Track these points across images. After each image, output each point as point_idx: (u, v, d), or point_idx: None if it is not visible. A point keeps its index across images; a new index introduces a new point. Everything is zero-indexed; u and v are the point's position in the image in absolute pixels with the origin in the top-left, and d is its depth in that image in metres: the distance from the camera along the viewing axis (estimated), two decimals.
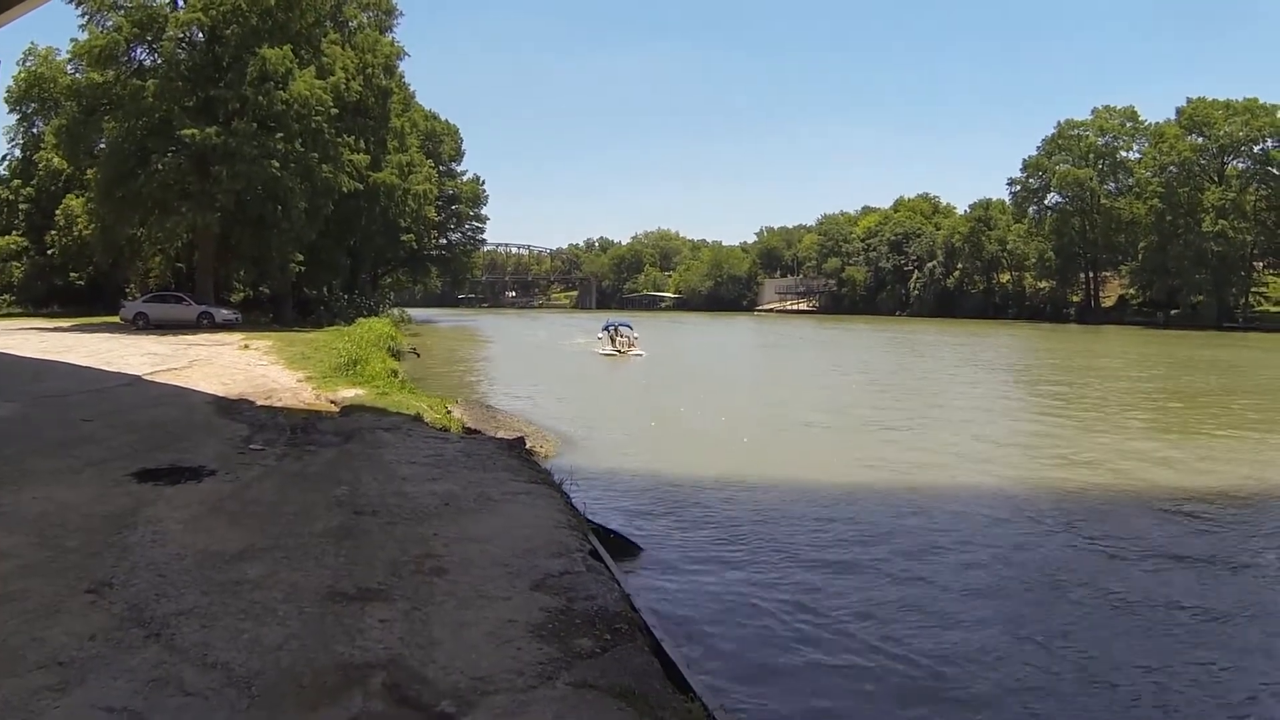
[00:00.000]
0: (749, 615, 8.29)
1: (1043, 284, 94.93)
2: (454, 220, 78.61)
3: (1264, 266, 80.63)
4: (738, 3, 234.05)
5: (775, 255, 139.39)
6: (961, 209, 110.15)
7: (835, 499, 12.91)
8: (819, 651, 7.49)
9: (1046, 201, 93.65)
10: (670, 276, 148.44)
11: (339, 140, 38.94)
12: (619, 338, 41.92)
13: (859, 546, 10.47)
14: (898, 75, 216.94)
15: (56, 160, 42.58)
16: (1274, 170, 76.25)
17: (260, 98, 34.72)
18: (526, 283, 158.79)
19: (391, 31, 50.48)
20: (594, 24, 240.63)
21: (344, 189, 39.08)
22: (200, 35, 36.22)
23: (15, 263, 44.86)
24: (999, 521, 11.82)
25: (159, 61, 35.91)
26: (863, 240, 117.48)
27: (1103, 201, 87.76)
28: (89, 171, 37.06)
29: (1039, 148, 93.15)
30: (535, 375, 32.48)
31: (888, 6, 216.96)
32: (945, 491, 13.56)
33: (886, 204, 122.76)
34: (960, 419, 21.38)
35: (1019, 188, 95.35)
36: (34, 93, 45.50)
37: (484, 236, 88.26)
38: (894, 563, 9.88)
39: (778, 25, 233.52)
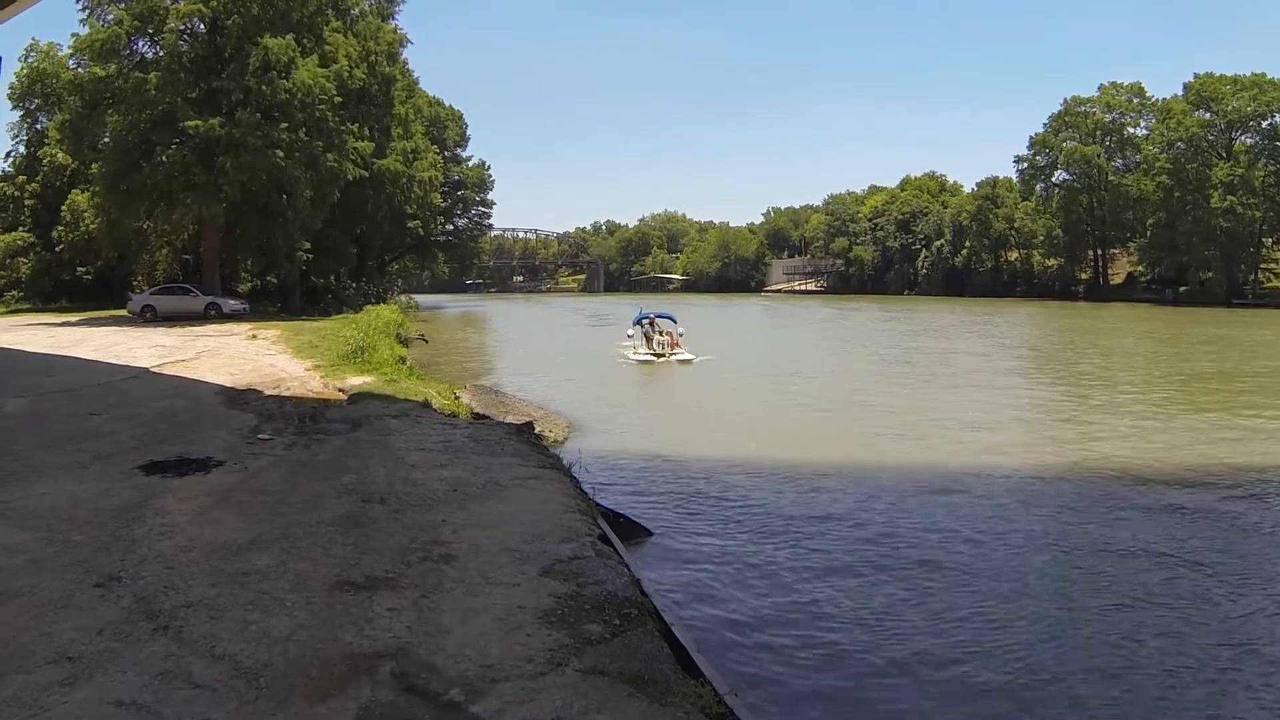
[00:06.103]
0: (760, 599, 8.27)
1: (1051, 262, 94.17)
2: (460, 206, 78.47)
3: (1273, 242, 79.51)
4: None
5: (783, 236, 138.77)
6: (968, 187, 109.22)
7: (850, 486, 12.83)
8: (828, 634, 7.46)
9: (1054, 179, 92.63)
10: (678, 258, 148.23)
11: (343, 128, 38.70)
12: (659, 334, 31.17)
13: (873, 533, 10.42)
14: (904, 54, 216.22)
15: (61, 155, 42.54)
16: None
17: (263, 87, 34.58)
18: (534, 267, 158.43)
19: (394, 18, 50.32)
20: (597, 6, 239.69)
21: (349, 177, 38.92)
22: (201, 26, 36.10)
23: (22, 258, 44.88)
24: (1021, 507, 11.76)
25: (161, 54, 35.73)
26: (870, 220, 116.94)
27: (1110, 178, 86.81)
28: (93, 166, 36.94)
29: (1046, 125, 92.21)
30: (545, 359, 32.45)
31: None
32: (969, 478, 13.42)
33: (893, 183, 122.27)
34: (988, 402, 21.23)
35: (1026, 165, 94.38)
36: (37, 88, 45.39)
37: (491, 222, 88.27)
38: (909, 549, 9.83)
39: (783, 3, 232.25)
